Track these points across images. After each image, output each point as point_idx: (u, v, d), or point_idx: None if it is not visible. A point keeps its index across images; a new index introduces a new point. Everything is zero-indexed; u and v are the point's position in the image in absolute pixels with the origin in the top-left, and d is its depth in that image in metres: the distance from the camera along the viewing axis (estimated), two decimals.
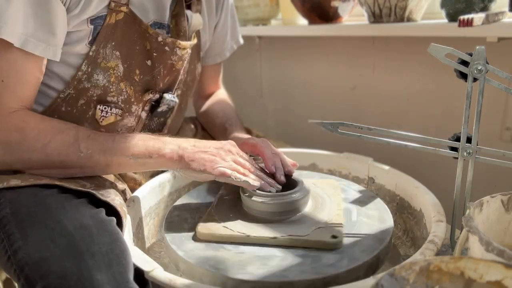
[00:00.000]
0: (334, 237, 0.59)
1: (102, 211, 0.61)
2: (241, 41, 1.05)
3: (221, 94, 1.05)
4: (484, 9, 0.88)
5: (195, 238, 0.63)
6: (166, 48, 0.76)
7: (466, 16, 0.80)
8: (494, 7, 0.90)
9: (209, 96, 1.04)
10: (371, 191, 0.78)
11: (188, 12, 0.82)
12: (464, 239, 0.51)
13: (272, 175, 0.71)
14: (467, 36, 0.87)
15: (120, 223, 0.62)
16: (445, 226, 0.61)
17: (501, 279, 0.42)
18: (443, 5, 0.93)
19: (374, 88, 1.25)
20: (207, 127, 1.01)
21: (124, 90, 0.74)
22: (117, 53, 0.71)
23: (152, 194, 0.78)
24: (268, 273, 0.54)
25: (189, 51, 0.83)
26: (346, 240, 0.61)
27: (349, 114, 1.33)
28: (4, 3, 0.59)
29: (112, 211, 0.62)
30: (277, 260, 0.57)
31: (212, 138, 0.96)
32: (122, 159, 0.66)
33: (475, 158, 0.61)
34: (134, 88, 0.76)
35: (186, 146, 0.68)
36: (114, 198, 0.65)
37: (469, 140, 0.61)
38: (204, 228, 0.63)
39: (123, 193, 0.74)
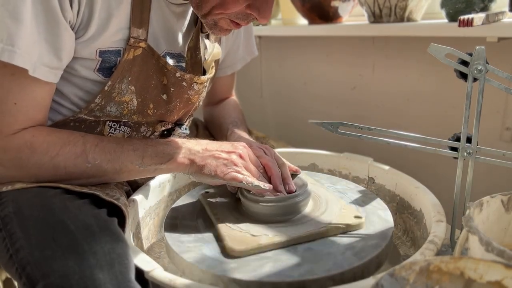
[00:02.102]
0: (357, 217, 0.63)
1: (105, 211, 0.61)
2: (256, 52, 1.01)
3: (231, 100, 1.02)
4: (484, 9, 0.89)
5: (232, 258, 0.58)
6: (184, 83, 0.75)
7: (466, 16, 0.80)
8: (494, 7, 0.90)
9: (219, 103, 1.02)
10: (371, 191, 0.78)
11: (206, 42, 0.81)
12: (464, 239, 0.51)
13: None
14: (467, 36, 0.87)
15: (123, 223, 0.62)
16: (445, 226, 0.61)
17: (501, 279, 0.42)
18: (443, 5, 0.94)
19: (374, 88, 1.25)
20: (211, 129, 1.01)
21: (136, 120, 0.74)
22: (132, 87, 0.70)
23: (152, 194, 0.78)
24: (269, 273, 0.54)
25: (207, 84, 0.82)
26: (346, 240, 0.61)
27: (349, 114, 1.33)
28: (13, 25, 0.57)
29: (115, 211, 0.63)
30: (277, 260, 0.57)
31: (214, 138, 0.96)
32: (132, 167, 0.65)
33: (475, 158, 0.61)
34: (146, 119, 0.76)
35: (197, 149, 0.67)
36: (119, 197, 0.65)
37: (469, 140, 0.61)
38: (236, 243, 0.59)
39: (127, 194, 0.74)
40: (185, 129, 0.82)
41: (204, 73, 0.81)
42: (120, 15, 0.66)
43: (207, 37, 0.82)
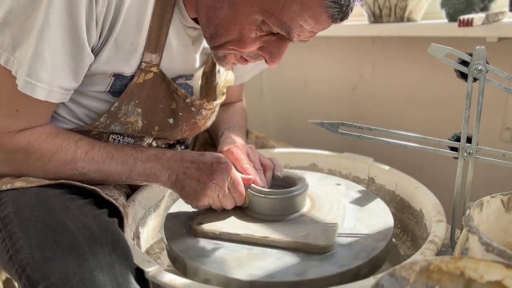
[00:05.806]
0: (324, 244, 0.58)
1: (105, 212, 0.61)
2: (266, 64, 1.01)
3: (236, 105, 1.01)
4: (484, 9, 0.89)
5: (194, 236, 0.63)
6: (193, 109, 0.75)
7: (466, 16, 0.80)
8: (494, 7, 0.90)
9: (225, 105, 0.99)
10: (371, 191, 0.78)
11: (221, 68, 0.81)
12: (464, 239, 0.51)
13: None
14: (467, 36, 0.87)
15: (122, 224, 0.62)
16: (445, 226, 0.61)
17: (501, 279, 0.42)
18: (443, 5, 0.94)
19: (374, 88, 1.25)
20: (210, 130, 1.00)
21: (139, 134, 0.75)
22: (139, 110, 0.70)
23: (152, 194, 0.78)
24: (268, 273, 0.54)
25: (217, 108, 0.82)
26: (347, 240, 0.61)
27: (349, 114, 1.33)
28: (37, 58, 0.57)
29: (115, 212, 0.63)
30: (277, 260, 0.57)
31: (212, 139, 0.96)
32: (118, 179, 0.66)
33: (475, 158, 0.61)
34: (149, 137, 0.76)
35: (178, 172, 0.66)
36: (117, 198, 0.65)
37: (469, 140, 0.61)
38: (204, 225, 0.63)
39: (126, 194, 0.74)
40: (186, 147, 0.83)
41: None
42: (137, 40, 0.65)
43: None
